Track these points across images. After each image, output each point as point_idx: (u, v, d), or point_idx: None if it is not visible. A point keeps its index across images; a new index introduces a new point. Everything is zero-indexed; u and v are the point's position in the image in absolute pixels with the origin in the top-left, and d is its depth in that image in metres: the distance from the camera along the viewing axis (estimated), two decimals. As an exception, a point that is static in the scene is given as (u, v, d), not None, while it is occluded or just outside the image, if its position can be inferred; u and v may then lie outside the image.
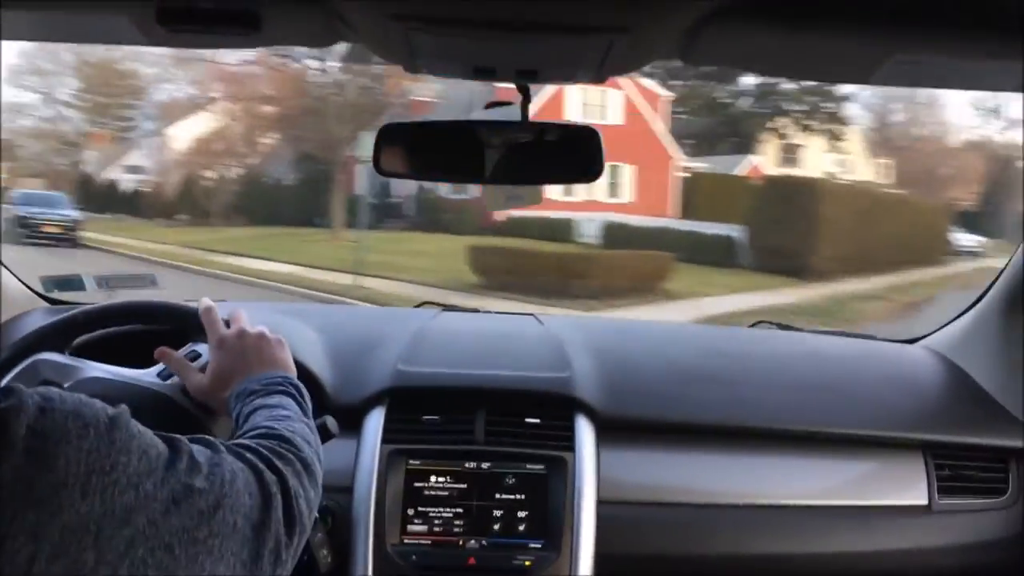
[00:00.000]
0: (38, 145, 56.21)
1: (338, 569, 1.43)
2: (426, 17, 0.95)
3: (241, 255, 17.19)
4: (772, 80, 27.42)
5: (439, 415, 1.59)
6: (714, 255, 16.95)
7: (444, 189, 25.79)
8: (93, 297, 2.13)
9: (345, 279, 12.99)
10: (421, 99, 26.29)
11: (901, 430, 1.71)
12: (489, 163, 1.38)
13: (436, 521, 1.52)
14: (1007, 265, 1.82)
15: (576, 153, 1.39)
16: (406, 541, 1.50)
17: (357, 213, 20.55)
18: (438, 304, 2.19)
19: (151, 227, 25.82)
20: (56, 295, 2.07)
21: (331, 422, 1.29)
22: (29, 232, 19.73)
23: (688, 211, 23.92)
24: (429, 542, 1.51)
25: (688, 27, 0.95)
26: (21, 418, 0.70)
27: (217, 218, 25.47)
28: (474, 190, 26.01)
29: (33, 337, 1.34)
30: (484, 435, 1.57)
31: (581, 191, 25.75)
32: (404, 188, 24.85)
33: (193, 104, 38.12)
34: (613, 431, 1.62)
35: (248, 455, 0.92)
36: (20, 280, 1.93)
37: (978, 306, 1.93)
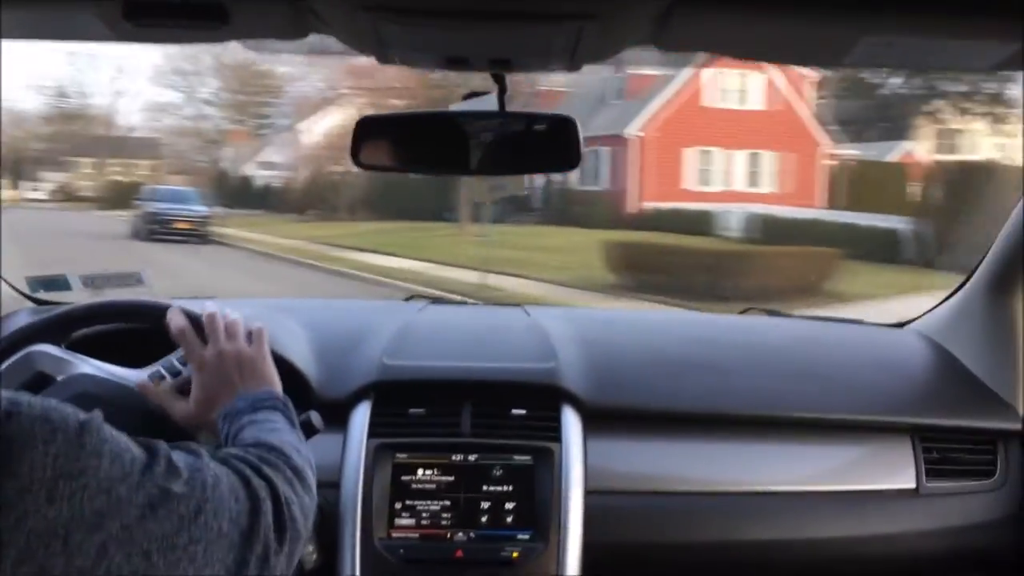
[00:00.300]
0: (181, 143, 57.97)
1: (325, 565, 1.41)
2: (395, 7, 0.96)
3: (367, 251, 16.69)
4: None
5: (425, 408, 1.57)
6: (877, 250, 15.21)
7: (573, 180, 24.55)
8: (79, 297, 2.09)
9: (472, 277, 11.95)
10: (549, 88, 25.12)
11: (889, 414, 1.70)
12: (468, 154, 1.36)
13: (424, 514, 1.50)
14: (992, 246, 1.78)
15: (554, 142, 1.38)
16: (394, 535, 1.48)
17: (483, 207, 19.59)
18: (426, 296, 2.21)
19: (282, 222, 25.94)
20: (42, 295, 2.06)
21: (316, 417, 1.28)
22: (159, 228, 19.72)
23: (837, 201, 21.88)
24: (417, 535, 1.49)
25: (657, 13, 0.95)
26: None
27: (345, 213, 25.21)
28: (606, 181, 24.80)
29: (30, 329, 1.32)
30: (471, 427, 1.55)
31: (718, 180, 24.05)
32: (531, 180, 23.76)
33: (324, 100, 38.36)
34: (600, 421, 1.60)
35: (234, 461, 0.91)
36: (5, 281, 1.91)
37: (964, 288, 1.89)
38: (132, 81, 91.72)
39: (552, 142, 1.39)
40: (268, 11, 1.01)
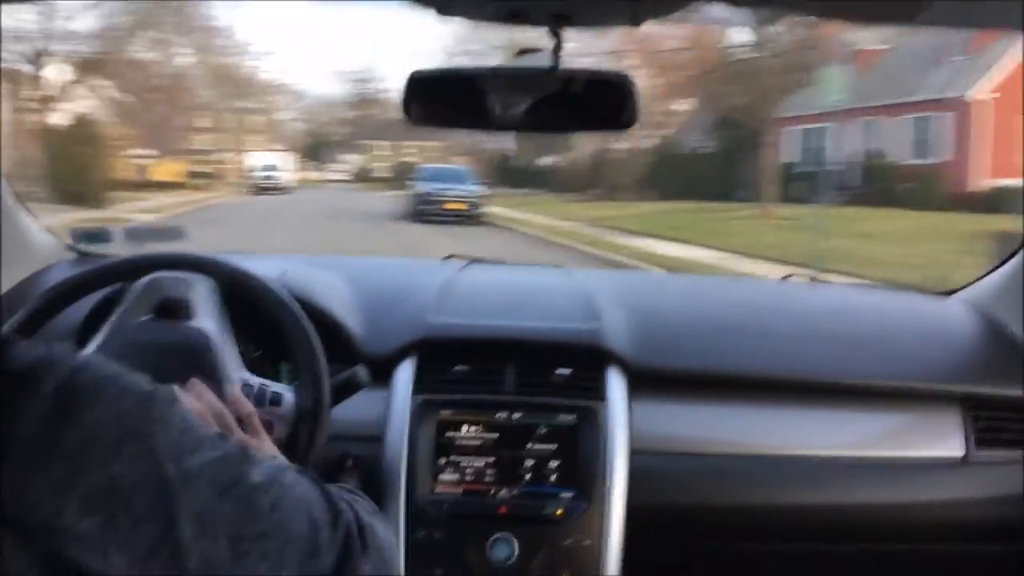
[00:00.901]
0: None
1: None
2: None
3: (650, 235, 14.66)
4: None
5: (470, 366, 1.56)
6: None
7: (898, 153, 20.45)
8: (120, 249, 2.02)
9: (781, 271, 8.81)
10: (868, 48, 21.13)
11: (937, 382, 1.67)
12: (519, 111, 1.32)
13: (467, 471, 1.50)
14: None
15: (608, 101, 1.31)
16: (438, 491, 1.48)
17: (791, 184, 16.22)
18: (464, 256, 2.12)
19: (560, 202, 24.64)
20: (84, 247, 2.05)
21: (362, 372, 1.28)
22: (430, 208, 18.80)
23: None
24: (460, 491, 1.49)
25: None
26: (53, 372, 0.67)
27: (627, 192, 22.76)
28: (941, 154, 20.55)
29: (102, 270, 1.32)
30: (515, 386, 1.55)
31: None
32: (844, 153, 20.05)
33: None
34: (644, 383, 1.59)
35: (312, 476, 0.86)
36: (49, 231, 1.92)
37: (1016, 258, 1.84)
38: (426, 64, 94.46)
39: (608, 101, 1.32)
40: None
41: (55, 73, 30.04)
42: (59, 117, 29.20)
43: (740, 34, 20.11)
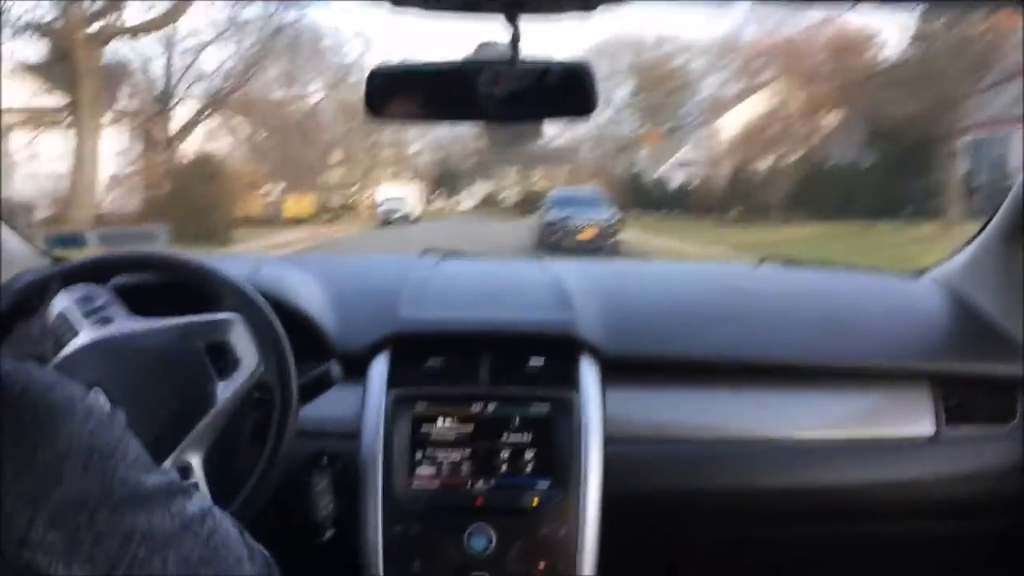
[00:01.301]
0: (595, 148, 56.89)
1: (344, 516, 1.44)
2: None
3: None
4: None
5: (443, 360, 1.58)
6: None
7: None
8: (94, 253, 1.78)
9: None
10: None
11: (907, 361, 1.70)
12: (482, 103, 1.33)
13: (443, 464, 1.52)
14: (1010, 193, 1.74)
15: (569, 89, 1.33)
16: (415, 485, 1.50)
17: (972, 197, 13.80)
18: (438, 250, 2.13)
19: (699, 225, 23.36)
20: (59, 252, 2.02)
21: (335, 368, 1.32)
22: (561, 239, 17.44)
23: None
24: (437, 485, 1.50)
25: None
26: (31, 390, 0.72)
27: (774, 212, 20.50)
28: None
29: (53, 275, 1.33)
30: (489, 378, 1.57)
31: None
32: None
33: (744, 90, 34.38)
34: (618, 370, 1.61)
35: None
36: (22, 237, 1.90)
37: (982, 235, 1.86)
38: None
39: (568, 89, 1.34)
40: None
41: (184, 111, 29.00)
42: (188, 155, 28.44)
43: (894, 36, 17.64)
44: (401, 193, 37.72)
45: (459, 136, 61.48)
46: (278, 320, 1.26)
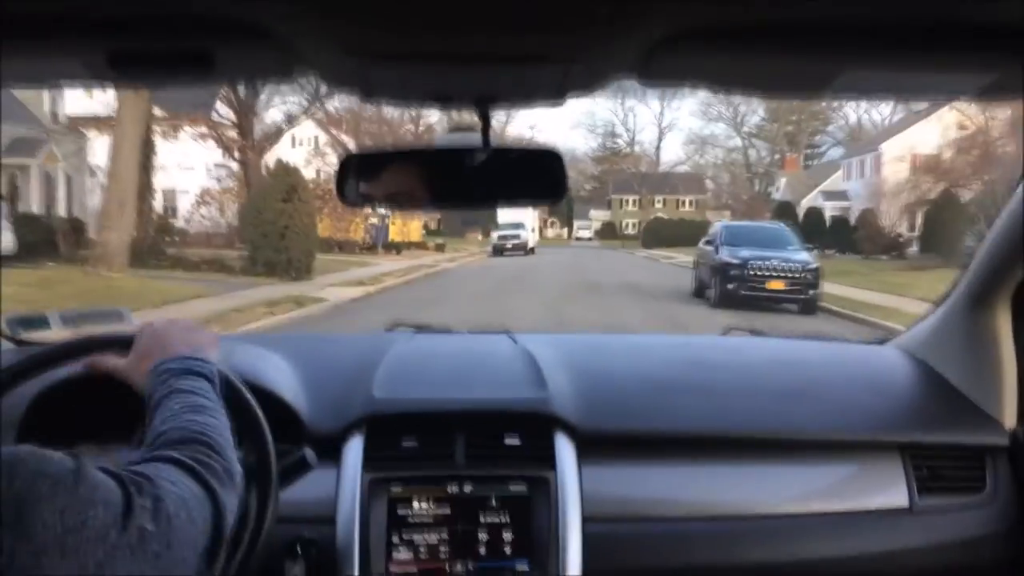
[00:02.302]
0: (724, 176, 52.24)
1: None
2: (382, 52, 0.98)
3: None
4: None
5: (418, 440, 1.57)
6: None
7: None
8: (59, 335, 1.97)
9: None
10: None
11: (877, 433, 1.70)
12: (453, 188, 1.38)
13: (421, 548, 1.49)
14: (972, 262, 1.79)
15: (538, 175, 1.37)
16: (392, 570, 1.47)
17: None
18: (409, 325, 2.16)
19: (872, 267, 20.64)
20: (22, 336, 1.97)
21: (310, 454, 1.30)
22: (746, 288, 13.02)
23: None
24: (415, 570, 1.48)
25: (642, 51, 0.98)
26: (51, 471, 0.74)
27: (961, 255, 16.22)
28: None
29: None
30: (465, 458, 1.55)
31: None
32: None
33: (908, 117, 29.69)
34: (593, 447, 1.60)
35: (182, 475, 0.93)
36: None
37: (945, 304, 1.89)
38: (676, 115, 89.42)
39: (538, 175, 1.38)
40: (253, 55, 1.02)
41: (301, 131, 28.36)
42: (295, 176, 26.40)
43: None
44: (519, 218, 33.50)
45: (577, 158, 58.69)
46: (254, 400, 1.26)
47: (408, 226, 34.42)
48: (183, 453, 0.96)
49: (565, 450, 1.56)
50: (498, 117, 1.23)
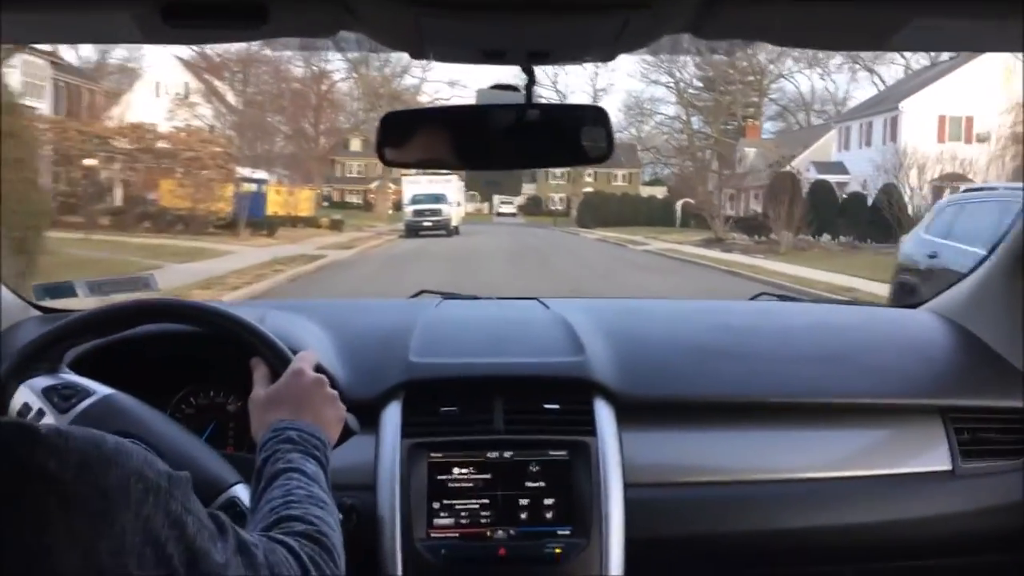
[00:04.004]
0: (669, 146, 45.57)
1: (363, 567, 1.41)
2: (441, 2, 0.94)
3: None
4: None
5: (456, 406, 1.57)
6: None
7: None
8: (86, 303, 1.92)
9: None
10: None
11: (918, 396, 1.70)
12: (495, 147, 1.37)
13: (462, 513, 1.49)
14: (1011, 227, 1.83)
15: (583, 134, 1.36)
16: (433, 535, 1.48)
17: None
18: (436, 292, 2.13)
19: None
20: (48, 303, 2.00)
21: (352, 420, 1.29)
22: None
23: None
24: (457, 535, 1.48)
25: (703, 2, 0.97)
26: (85, 473, 0.70)
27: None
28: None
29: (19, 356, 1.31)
30: (504, 424, 1.55)
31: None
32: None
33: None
34: (632, 412, 1.60)
35: (293, 565, 0.92)
36: (10, 288, 1.91)
37: (982, 268, 1.92)
38: (612, 77, 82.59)
39: (583, 133, 1.36)
40: (307, 9, 1.02)
41: (171, 77, 24.96)
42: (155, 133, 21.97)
43: None
44: (439, 190, 25.19)
45: None
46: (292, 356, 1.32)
47: (296, 196, 25.98)
48: (303, 547, 0.95)
49: (605, 415, 1.55)
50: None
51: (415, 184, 27.46)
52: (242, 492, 1.19)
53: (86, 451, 0.70)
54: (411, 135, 1.37)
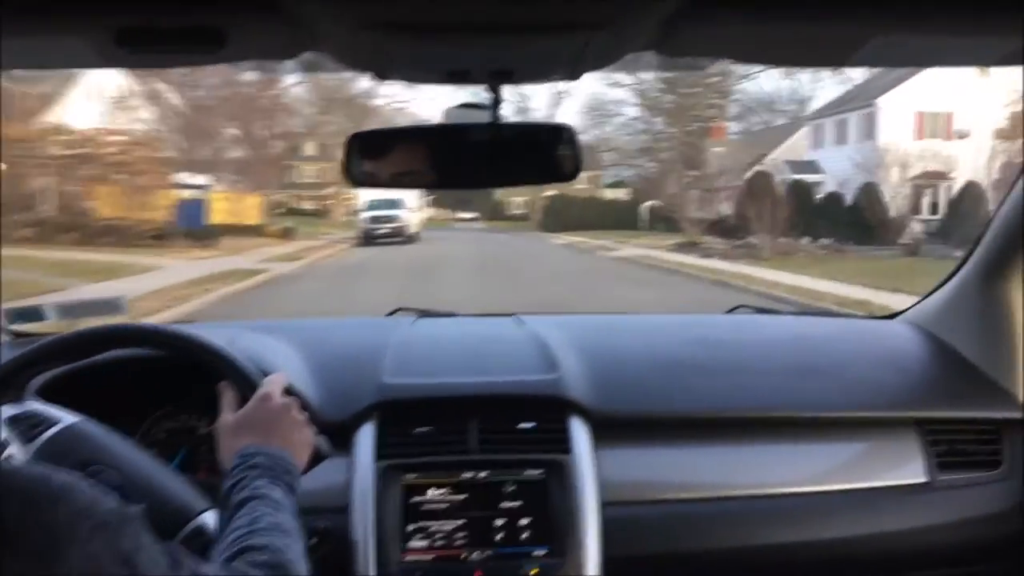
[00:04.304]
0: (631, 148, 45.05)
1: None
2: (400, 23, 0.95)
3: None
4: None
5: (431, 426, 1.57)
6: None
7: None
8: (55, 327, 1.95)
9: None
10: None
11: (893, 408, 1.72)
12: (463, 166, 1.37)
13: (437, 535, 1.48)
14: (983, 234, 1.83)
15: (551, 152, 1.36)
16: (408, 558, 1.47)
17: None
18: (412, 310, 2.14)
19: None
20: (18, 327, 1.99)
21: (324, 443, 1.33)
22: None
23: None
24: (432, 557, 1.48)
25: (665, 19, 0.96)
26: (30, 510, 0.69)
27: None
28: None
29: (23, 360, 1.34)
30: (479, 444, 1.55)
31: None
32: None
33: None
34: (607, 429, 1.61)
35: None
36: None
37: (956, 277, 1.93)
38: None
39: (548, 153, 1.36)
40: (265, 32, 1.01)
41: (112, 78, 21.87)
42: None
43: None
44: (395, 195, 23.77)
45: None
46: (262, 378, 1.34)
47: (243, 203, 24.21)
48: (261, 573, 0.97)
49: (580, 433, 1.56)
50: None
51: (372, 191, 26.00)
52: (210, 519, 1.19)
53: (32, 488, 0.69)
54: (379, 155, 1.36)
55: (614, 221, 34.62)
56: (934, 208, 21.88)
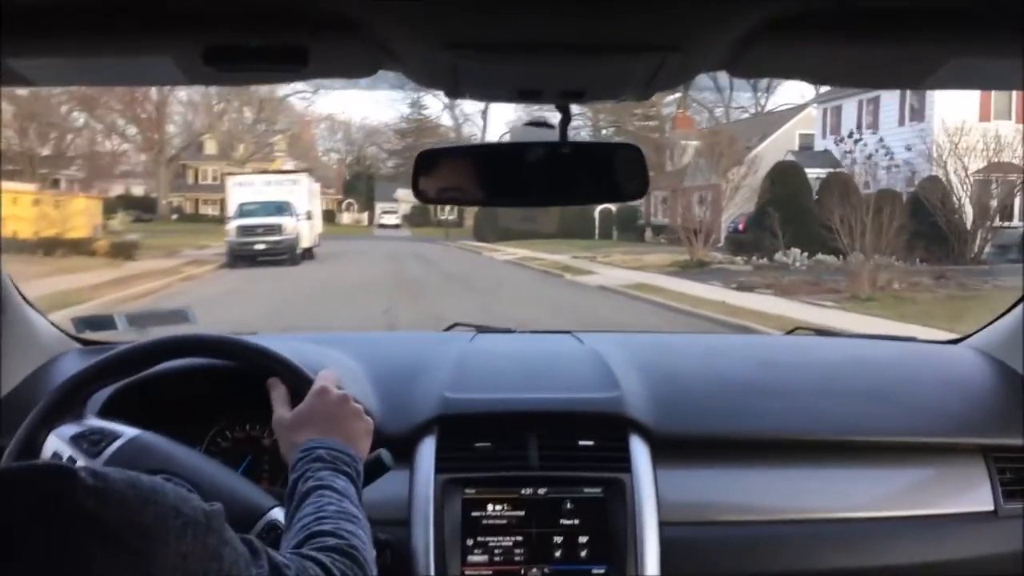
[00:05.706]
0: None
1: None
2: (475, 44, 0.97)
3: None
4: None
5: (491, 441, 1.61)
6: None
7: None
8: (124, 336, 2.03)
9: None
10: None
11: (959, 435, 1.71)
12: (529, 185, 1.38)
13: (496, 550, 1.52)
14: None
15: (617, 171, 1.39)
16: (467, 572, 1.53)
17: None
18: (469, 325, 2.17)
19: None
20: (88, 335, 2.06)
21: (386, 455, 1.33)
22: None
23: None
24: (490, 572, 1.52)
25: (739, 40, 0.96)
26: (123, 511, 0.71)
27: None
28: None
29: (109, 363, 1.33)
30: (538, 460, 1.59)
31: None
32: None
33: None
34: (667, 449, 1.64)
35: (315, 569, 0.97)
36: (49, 321, 1.98)
37: (1020, 306, 1.93)
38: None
39: (614, 171, 1.38)
40: (346, 52, 1.04)
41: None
42: None
43: None
44: (285, 196, 16.85)
45: (375, 130, 46.64)
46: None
47: (65, 209, 16.92)
48: (335, 562, 0.99)
49: (640, 452, 1.58)
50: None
51: (245, 187, 19.10)
52: (280, 515, 1.24)
53: (123, 490, 0.72)
54: (446, 172, 1.38)
55: (562, 228, 28.71)
56: (1006, 213, 16.53)
